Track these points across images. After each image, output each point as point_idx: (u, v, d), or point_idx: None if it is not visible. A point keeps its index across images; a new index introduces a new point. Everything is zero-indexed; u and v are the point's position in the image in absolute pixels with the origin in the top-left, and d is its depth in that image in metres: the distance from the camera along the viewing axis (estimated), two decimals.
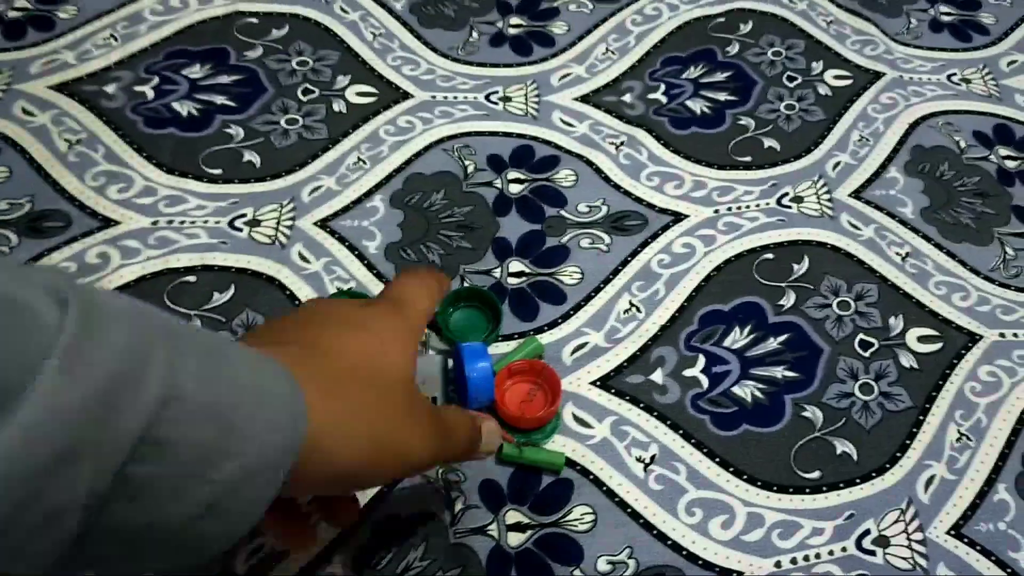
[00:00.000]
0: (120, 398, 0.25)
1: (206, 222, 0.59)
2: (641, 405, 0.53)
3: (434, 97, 0.67)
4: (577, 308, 0.57)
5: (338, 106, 0.66)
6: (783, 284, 0.58)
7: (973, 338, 0.57)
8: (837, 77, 0.72)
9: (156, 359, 0.26)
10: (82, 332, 0.24)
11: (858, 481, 0.51)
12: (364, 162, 0.63)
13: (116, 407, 0.25)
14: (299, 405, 0.32)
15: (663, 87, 0.70)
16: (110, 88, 0.66)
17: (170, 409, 0.26)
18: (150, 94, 0.66)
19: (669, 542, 0.48)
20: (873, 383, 0.54)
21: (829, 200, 0.63)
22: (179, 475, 0.27)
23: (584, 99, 0.68)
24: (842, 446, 0.52)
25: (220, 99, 0.66)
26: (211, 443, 0.28)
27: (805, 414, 0.53)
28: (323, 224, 0.59)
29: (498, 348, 0.54)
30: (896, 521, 0.49)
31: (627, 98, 0.69)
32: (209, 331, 0.32)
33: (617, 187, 0.63)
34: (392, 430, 0.36)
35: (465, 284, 0.57)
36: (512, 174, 0.63)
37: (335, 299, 0.42)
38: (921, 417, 0.53)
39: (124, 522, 0.27)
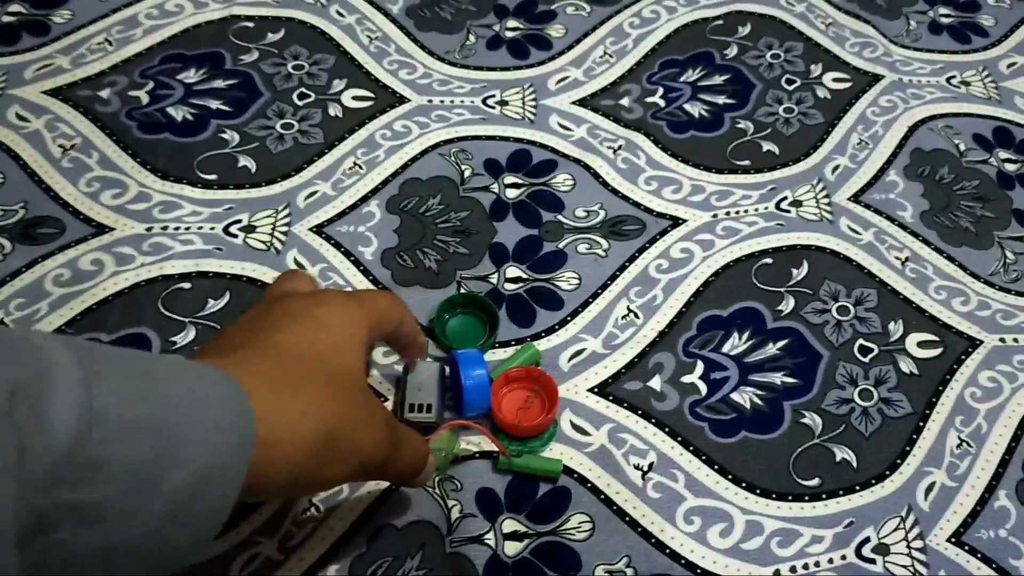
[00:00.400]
0: (26, 415, 0.25)
1: (201, 228, 0.58)
2: (639, 412, 0.52)
3: (430, 101, 0.67)
4: (575, 314, 0.56)
5: (334, 110, 0.66)
6: (782, 289, 0.58)
7: (973, 343, 0.57)
8: (836, 80, 0.71)
9: (62, 378, 0.26)
10: None
11: (858, 488, 0.50)
12: (360, 167, 0.63)
13: (25, 425, 0.25)
14: (243, 405, 0.32)
15: (661, 90, 0.69)
16: (104, 93, 0.65)
17: (95, 430, 0.26)
18: (145, 99, 0.65)
19: (667, 550, 0.48)
20: (873, 389, 0.54)
21: (828, 204, 0.63)
22: (127, 492, 0.28)
23: (581, 103, 0.68)
24: (841, 453, 0.51)
25: (215, 104, 0.65)
26: (151, 457, 0.28)
27: (804, 421, 0.52)
28: (319, 230, 0.59)
29: (495, 355, 0.54)
30: (896, 529, 0.49)
31: (625, 101, 0.68)
32: (135, 351, 0.32)
33: (615, 191, 0.63)
34: (345, 424, 0.36)
35: (462, 291, 0.57)
36: (509, 178, 0.63)
37: (290, 291, 0.42)
38: (921, 423, 0.53)
39: (82, 547, 0.27)
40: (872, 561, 0.48)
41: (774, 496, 0.50)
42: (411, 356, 0.49)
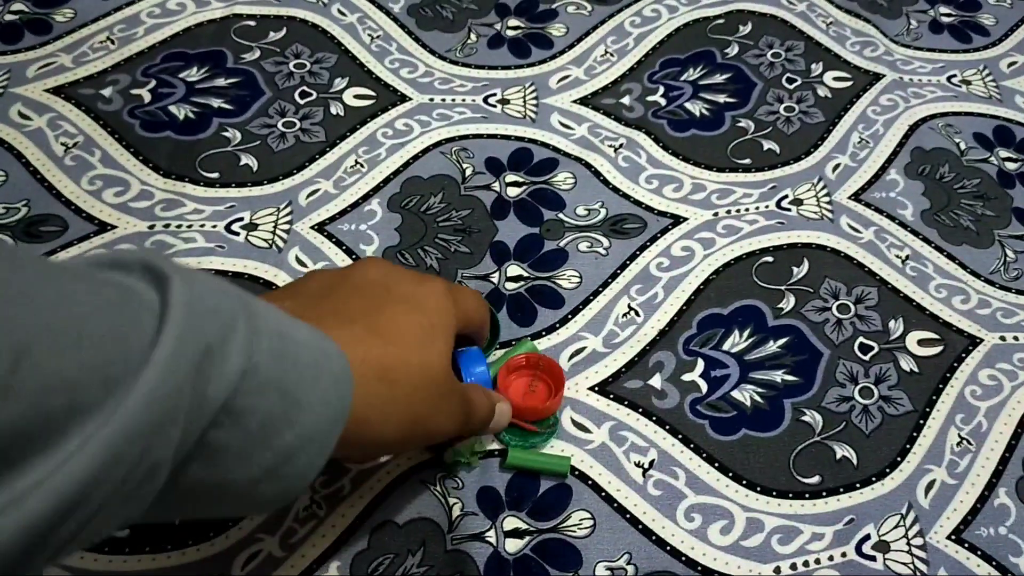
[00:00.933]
0: (210, 367, 0.28)
1: (203, 226, 0.59)
2: (640, 410, 0.52)
3: (432, 100, 0.67)
4: (575, 312, 0.56)
5: (336, 109, 0.66)
6: (782, 287, 0.58)
7: (974, 341, 0.57)
8: (837, 79, 0.71)
9: (239, 332, 0.30)
10: (185, 308, 0.28)
11: (858, 486, 0.50)
12: (362, 165, 0.63)
13: (206, 375, 0.28)
14: (347, 384, 0.35)
15: (662, 89, 0.69)
16: (107, 91, 0.65)
17: (246, 381, 0.29)
18: (147, 97, 0.65)
19: (668, 548, 0.48)
20: (873, 387, 0.54)
21: (829, 203, 0.63)
22: (248, 441, 0.31)
23: (582, 101, 0.68)
24: (842, 450, 0.51)
25: (217, 102, 0.65)
26: (276, 413, 0.31)
27: (804, 418, 0.53)
28: (320, 228, 0.59)
29: (493, 355, 0.54)
30: (896, 526, 0.49)
31: (626, 100, 0.68)
32: (277, 309, 0.34)
33: (616, 190, 0.63)
34: (427, 413, 0.40)
35: None
36: (510, 177, 0.63)
37: (394, 268, 0.44)
38: (921, 421, 0.53)
39: (198, 481, 0.30)
40: (872, 558, 0.48)
41: (774, 494, 0.50)
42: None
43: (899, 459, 0.51)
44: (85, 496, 0.25)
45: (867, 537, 0.49)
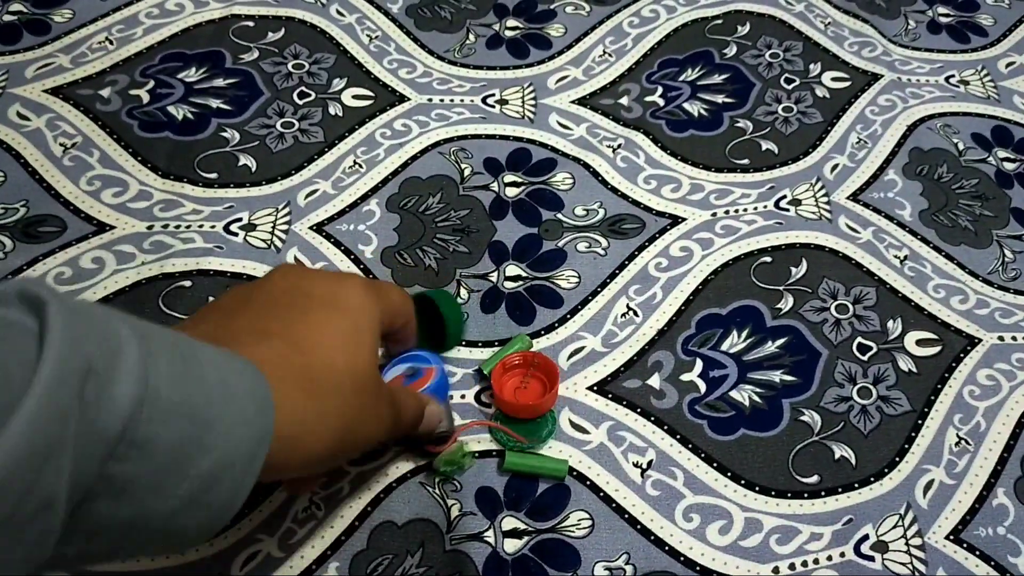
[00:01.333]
0: (96, 390, 0.26)
1: (201, 226, 0.58)
2: (638, 410, 0.52)
3: (430, 100, 0.67)
4: (574, 312, 0.56)
5: (334, 109, 0.66)
6: (781, 287, 0.58)
7: (972, 341, 0.57)
8: (835, 79, 0.71)
9: (128, 356, 0.28)
10: (64, 331, 0.26)
11: (856, 486, 0.50)
12: (360, 166, 0.63)
13: (93, 399, 0.26)
14: (267, 402, 0.33)
15: (660, 89, 0.69)
16: (105, 92, 0.65)
17: (145, 409, 0.28)
18: (145, 98, 0.65)
19: (667, 548, 0.48)
20: (871, 387, 0.54)
21: (827, 203, 0.63)
22: (159, 471, 0.29)
23: (581, 102, 0.68)
24: (840, 450, 0.52)
25: (216, 103, 0.65)
26: (186, 440, 0.29)
27: (803, 418, 0.53)
28: (319, 228, 0.59)
29: (483, 353, 0.54)
30: (895, 526, 0.49)
31: (624, 101, 0.68)
32: (175, 332, 0.32)
33: (614, 190, 0.63)
34: (358, 422, 0.38)
35: (462, 292, 0.57)
36: (509, 177, 0.63)
37: (308, 271, 0.42)
38: (920, 421, 0.53)
39: (111, 518, 0.29)
40: (871, 559, 0.48)
41: (773, 493, 0.50)
42: (398, 351, 0.49)
43: (897, 459, 0.51)
44: None
45: (865, 537, 0.49)
